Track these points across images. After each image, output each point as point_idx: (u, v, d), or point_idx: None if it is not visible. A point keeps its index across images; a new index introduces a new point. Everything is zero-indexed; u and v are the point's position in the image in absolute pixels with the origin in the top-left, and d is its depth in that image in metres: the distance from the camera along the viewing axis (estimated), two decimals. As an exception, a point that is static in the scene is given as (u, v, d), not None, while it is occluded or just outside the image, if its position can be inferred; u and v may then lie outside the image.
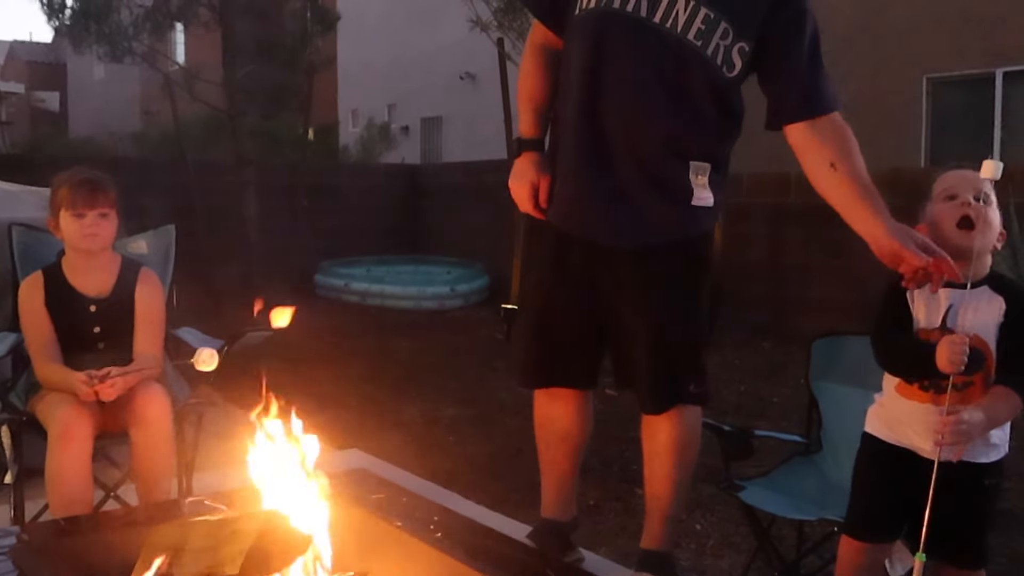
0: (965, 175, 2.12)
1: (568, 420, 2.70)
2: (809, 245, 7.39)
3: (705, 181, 2.45)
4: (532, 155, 2.55)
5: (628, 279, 2.47)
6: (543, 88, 2.57)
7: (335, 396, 5.23)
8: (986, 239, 2.07)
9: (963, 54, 10.58)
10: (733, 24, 2.32)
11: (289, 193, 10.31)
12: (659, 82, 2.35)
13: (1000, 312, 2.05)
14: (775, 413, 5.09)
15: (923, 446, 2.08)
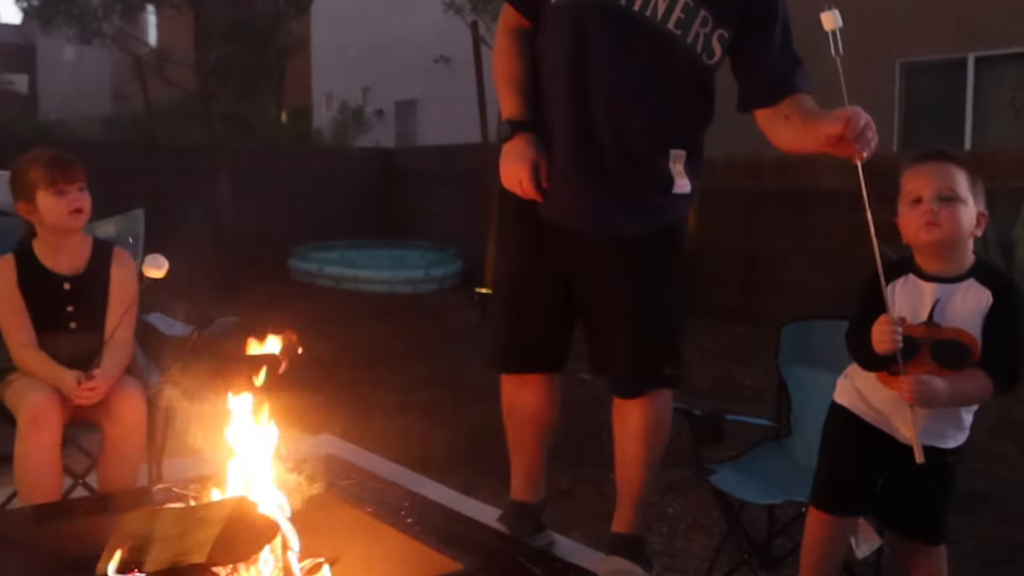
0: (927, 172, 2.06)
1: (536, 403, 2.71)
2: (782, 229, 7.43)
3: (682, 168, 2.47)
4: (526, 135, 2.45)
5: (605, 266, 2.48)
6: (523, 68, 2.54)
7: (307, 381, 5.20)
8: (956, 235, 2.04)
9: (935, 39, 10.64)
10: (712, 12, 2.33)
11: (262, 177, 10.24)
12: (642, 71, 2.35)
13: (987, 304, 2.01)
14: (748, 396, 5.12)
15: (903, 432, 2.09)
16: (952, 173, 2.04)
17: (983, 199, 2.08)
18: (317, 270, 9.69)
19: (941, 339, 2.02)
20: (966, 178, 2.04)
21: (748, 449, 2.88)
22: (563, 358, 2.69)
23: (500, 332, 2.70)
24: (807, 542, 2.22)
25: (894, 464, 2.15)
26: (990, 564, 3.06)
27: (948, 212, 2.02)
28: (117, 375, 2.78)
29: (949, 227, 2.02)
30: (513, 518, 2.73)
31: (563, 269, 2.54)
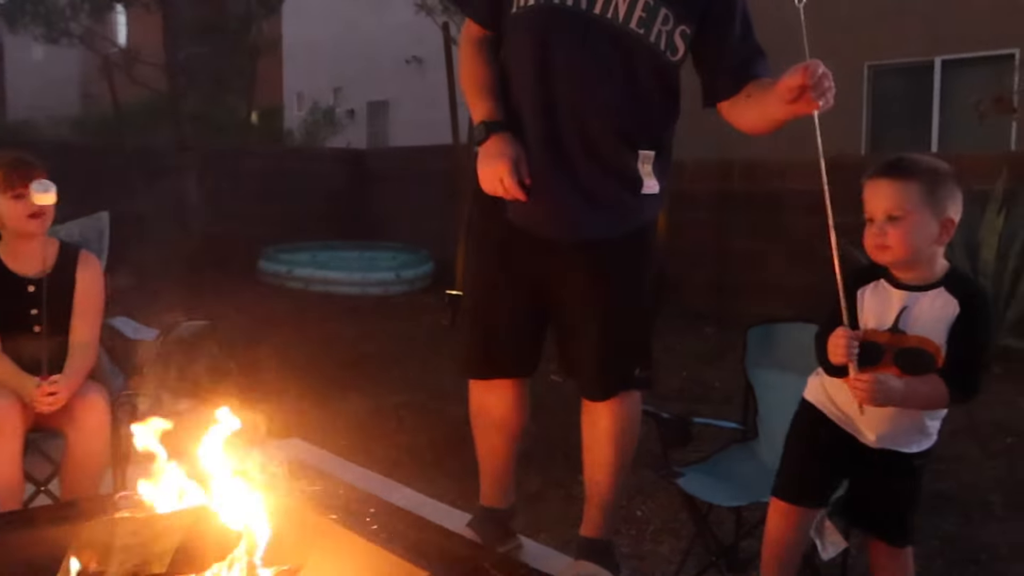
0: (877, 191, 2.05)
1: (504, 408, 2.70)
2: (752, 231, 7.47)
3: (650, 169, 2.47)
4: (502, 135, 2.41)
5: (576, 269, 2.48)
6: (490, 73, 2.53)
7: (276, 384, 5.17)
8: (907, 254, 2.03)
9: (903, 42, 10.75)
10: (673, 9, 2.34)
11: (232, 178, 10.17)
12: (609, 74, 2.36)
13: (954, 314, 2.01)
14: (717, 398, 5.14)
15: (868, 436, 2.12)
16: (902, 190, 2.01)
17: (953, 204, 2.03)
18: (287, 272, 9.63)
19: (905, 347, 2.03)
20: (920, 190, 2.00)
21: (715, 451, 2.89)
22: (534, 363, 2.69)
23: (471, 339, 2.69)
24: (768, 534, 2.24)
25: (859, 465, 2.17)
26: (955, 564, 3.09)
27: (896, 233, 2.01)
28: (80, 381, 2.75)
29: (897, 249, 2.02)
30: (482, 524, 2.72)
31: (533, 274, 2.53)
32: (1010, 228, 5.79)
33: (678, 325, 6.98)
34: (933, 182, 2.02)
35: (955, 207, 2.04)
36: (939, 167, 2.06)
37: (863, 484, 2.21)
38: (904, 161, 2.06)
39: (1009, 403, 4.97)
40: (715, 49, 2.40)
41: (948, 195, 2.03)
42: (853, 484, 2.25)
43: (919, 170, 2.03)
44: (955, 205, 2.04)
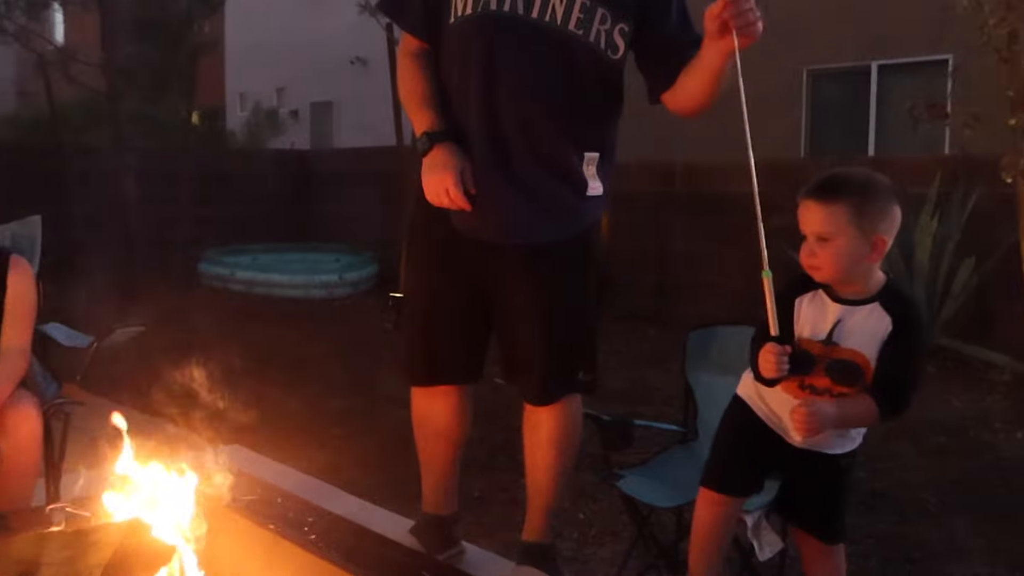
0: (807, 212, 2.07)
1: (448, 416, 2.69)
2: (694, 232, 7.55)
3: (595, 171, 2.48)
4: (447, 145, 2.38)
5: (520, 273, 2.47)
6: (430, 84, 2.50)
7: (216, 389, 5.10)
8: (838, 273, 2.05)
9: (841, 47, 10.95)
10: (609, 8, 2.35)
11: (172, 179, 10.00)
12: (551, 77, 2.35)
13: (886, 331, 2.04)
14: (660, 399, 5.18)
15: (795, 437, 2.15)
16: (830, 212, 2.02)
17: (885, 221, 2.04)
18: (229, 275, 9.51)
19: (837, 358, 2.07)
20: (848, 212, 2.00)
21: (656, 454, 2.91)
22: (478, 370, 2.67)
23: (413, 345, 2.66)
24: (695, 524, 2.27)
25: (788, 463, 2.21)
26: (889, 562, 3.15)
27: (825, 254, 2.03)
28: (10, 389, 2.67)
29: (827, 269, 2.05)
30: (425, 531, 2.71)
31: (476, 278, 2.52)
32: (943, 230, 5.93)
33: (621, 327, 7.03)
34: (862, 203, 2.02)
35: (887, 224, 2.04)
36: (870, 186, 2.05)
37: (794, 482, 2.25)
38: (834, 182, 2.06)
39: (943, 402, 5.09)
40: (654, 43, 2.40)
41: (879, 214, 2.03)
42: (785, 482, 2.28)
43: (848, 191, 2.03)
44: (887, 223, 2.04)
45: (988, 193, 5.84)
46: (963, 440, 4.49)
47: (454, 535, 2.78)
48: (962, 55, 6.83)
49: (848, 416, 2.06)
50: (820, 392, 2.10)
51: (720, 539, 2.27)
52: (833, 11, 10.91)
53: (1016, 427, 4.65)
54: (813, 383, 2.10)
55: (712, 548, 2.26)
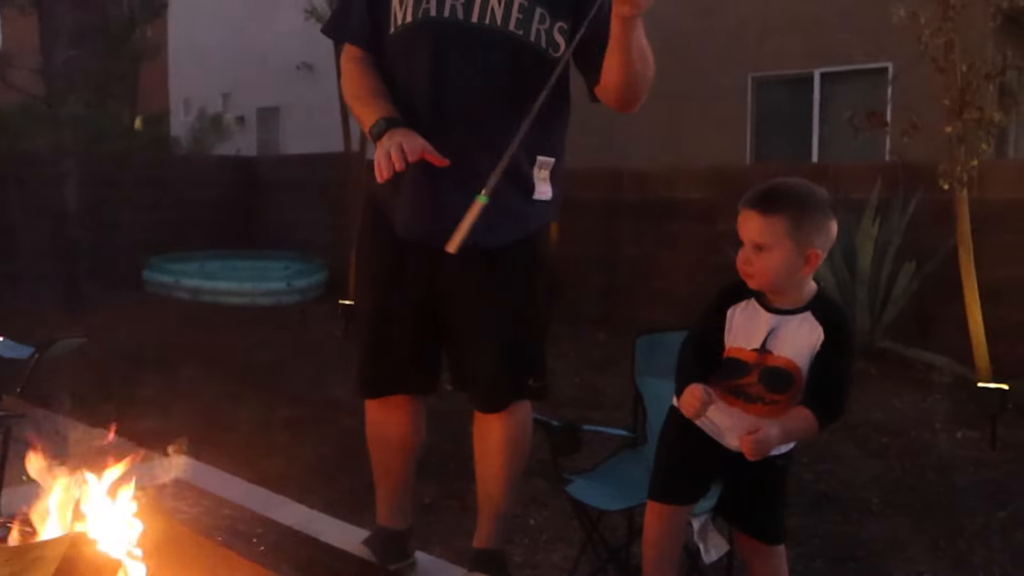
0: (745, 221, 2.10)
1: (402, 427, 2.68)
2: (642, 238, 7.61)
3: (547, 175, 2.48)
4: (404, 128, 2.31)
5: (468, 279, 2.46)
6: (379, 80, 2.47)
7: (162, 399, 5.03)
8: (772, 282, 2.09)
9: (784, 55, 11.13)
10: (546, 7, 2.37)
11: (115, 186, 9.84)
12: (496, 80, 2.36)
13: (818, 341, 2.09)
14: (609, 404, 5.21)
15: (730, 442, 2.20)
16: (768, 223, 2.05)
17: (820, 235, 2.07)
18: (174, 282, 9.37)
19: (770, 366, 2.12)
20: (786, 225, 2.03)
21: (606, 458, 2.93)
22: (433, 380, 2.66)
23: (365, 357, 2.64)
24: (646, 536, 2.30)
25: (727, 466, 2.25)
26: (834, 562, 3.21)
27: (761, 263, 2.07)
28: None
29: (761, 277, 2.09)
30: (378, 543, 2.69)
31: (425, 286, 2.51)
32: (884, 235, 6.05)
33: (570, 332, 7.06)
34: (800, 217, 2.05)
35: (823, 239, 2.08)
36: (808, 199, 2.08)
37: (733, 485, 2.30)
38: (774, 193, 2.09)
39: (885, 404, 5.19)
40: (584, 37, 2.36)
41: (815, 228, 2.06)
42: (726, 485, 2.32)
43: (787, 204, 2.06)
44: (822, 238, 2.07)
45: (927, 199, 5.98)
46: (905, 440, 4.59)
47: (407, 550, 2.77)
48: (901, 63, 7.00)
49: (792, 432, 2.11)
50: (753, 400, 2.15)
51: (672, 548, 2.31)
52: (777, 19, 11.09)
53: (956, 427, 4.76)
54: (746, 391, 2.15)
55: (666, 557, 2.29)
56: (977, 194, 5.33)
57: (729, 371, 2.15)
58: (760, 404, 2.14)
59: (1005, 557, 3.26)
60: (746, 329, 2.16)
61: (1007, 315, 5.47)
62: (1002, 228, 5.75)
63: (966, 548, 3.33)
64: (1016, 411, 4.85)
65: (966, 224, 5.01)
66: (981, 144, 4.88)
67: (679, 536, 2.32)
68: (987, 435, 4.49)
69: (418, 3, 2.37)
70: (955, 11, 4.83)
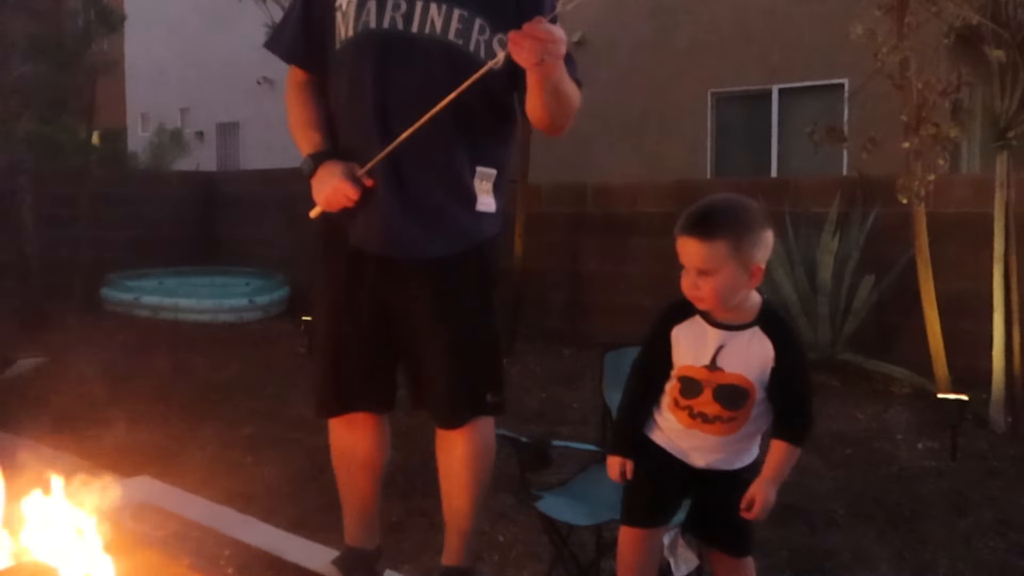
0: (685, 248, 2.09)
1: (367, 446, 2.66)
2: (605, 253, 7.64)
3: (490, 187, 2.49)
4: (331, 161, 2.43)
5: (419, 293, 2.47)
6: (317, 110, 2.54)
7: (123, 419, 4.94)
8: (720, 302, 2.10)
9: (743, 71, 11.27)
10: (487, 18, 2.39)
11: (71, 202, 9.68)
12: (435, 89, 2.35)
13: (769, 357, 2.11)
14: (576, 418, 5.21)
15: (695, 462, 2.23)
16: (709, 249, 2.05)
17: (760, 249, 2.08)
18: (133, 300, 9.23)
19: (723, 383, 2.14)
20: (727, 248, 2.04)
21: (574, 474, 2.92)
22: (391, 396, 2.65)
23: (323, 374, 2.62)
24: (620, 559, 2.31)
25: (694, 482, 2.27)
26: (802, 573, 3.23)
27: (708, 286, 2.07)
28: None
29: (710, 299, 2.10)
30: (347, 564, 2.66)
31: (379, 301, 2.51)
32: (844, 248, 6.12)
33: (535, 346, 7.06)
34: (739, 237, 2.05)
35: (763, 252, 2.10)
36: (745, 218, 2.08)
37: (700, 500, 2.31)
38: (711, 217, 2.08)
39: (848, 415, 5.24)
40: None
41: (755, 245, 2.07)
42: (693, 500, 2.33)
43: (725, 228, 2.06)
44: (763, 250, 2.10)
45: (885, 213, 6.07)
46: (867, 451, 4.63)
47: (376, 570, 2.75)
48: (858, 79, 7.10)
49: (783, 472, 2.16)
50: (711, 420, 2.16)
51: (648, 569, 2.32)
52: (735, 36, 11.24)
53: (917, 438, 4.82)
54: (703, 411, 2.16)
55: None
56: (933, 208, 5.43)
57: (686, 390, 2.17)
58: (719, 423, 2.16)
59: (968, 566, 3.30)
60: (694, 346, 2.17)
61: (965, 327, 5.56)
62: (958, 241, 5.85)
63: (930, 558, 3.36)
64: (975, 422, 4.93)
65: (924, 237, 5.10)
66: (938, 159, 4.97)
67: (655, 557, 2.32)
68: (947, 445, 4.55)
69: (358, 17, 2.40)
70: (910, 29, 4.93)
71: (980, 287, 5.17)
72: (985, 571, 3.29)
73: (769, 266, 6.02)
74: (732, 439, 2.20)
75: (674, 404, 2.21)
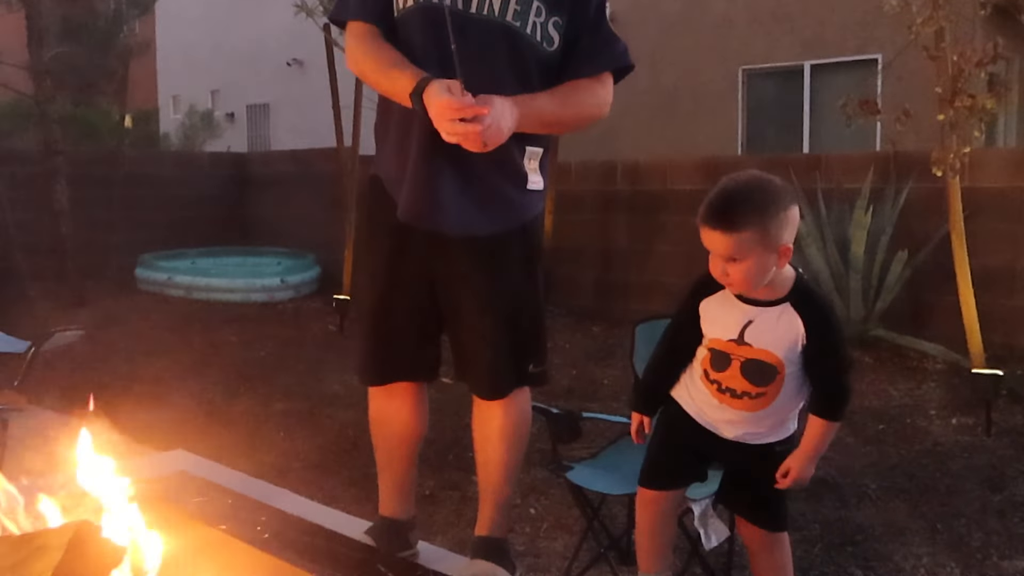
0: (709, 239, 2.06)
1: (406, 416, 2.68)
2: (636, 230, 7.62)
3: (536, 165, 2.50)
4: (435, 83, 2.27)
5: (468, 267, 2.47)
6: (396, 50, 2.41)
7: (158, 395, 5.03)
8: (751, 285, 2.06)
9: (775, 47, 11.15)
10: (544, 1, 2.38)
11: (105, 183, 9.79)
12: (495, 68, 2.36)
13: (799, 335, 2.07)
14: (606, 394, 5.22)
15: (726, 434, 2.20)
16: (735, 240, 2.00)
17: (787, 230, 2.03)
18: (166, 280, 9.34)
19: (751, 359, 2.11)
20: (752, 237, 2.00)
21: (605, 446, 2.93)
22: (433, 367, 2.66)
23: (368, 344, 2.63)
24: (638, 523, 2.30)
25: (726, 453, 2.24)
26: (833, 547, 3.22)
27: (736, 271, 2.04)
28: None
29: (740, 283, 2.07)
30: (381, 533, 2.68)
31: (427, 274, 2.52)
32: (877, 224, 6.06)
33: (566, 324, 7.07)
34: (764, 225, 2.00)
35: (790, 232, 2.05)
36: (767, 202, 2.02)
37: (734, 472, 2.29)
38: (733, 207, 2.02)
39: (881, 391, 5.21)
40: (572, 37, 2.40)
41: (780, 227, 2.02)
42: (726, 472, 2.32)
43: (748, 218, 2.00)
44: (789, 230, 2.05)
45: (919, 187, 6.00)
46: (900, 427, 4.61)
47: (410, 540, 2.77)
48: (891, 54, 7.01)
49: (820, 448, 2.13)
50: (739, 395, 2.14)
51: (662, 534, 2.30)
52: (767, 12, 11.11)
53: (950, 413, 4.79)
54: (731, 386, 2.14)
55: (656, 544, 2.29)
56: (968, 183, 5.35)
57: (714, 363, 2.15)
58: (746, 399, 2.14)
59: (1002, 540, 3.28)
60: (722, 320, 2.15)
61: (999, 302, 5.50)
62: (993, 216, 5.77)
63: (964, 532, 3.35)
64: (1009, 397, 4.88)
65: (958, 212, 5.03)
66: (973, 131, 4.90)
67: (669, 521, 2.31)
68: (982, 421, 4.51)
69: None
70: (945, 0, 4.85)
71: (1015, 262, 5.11)
72: (1019, 545, 3.26)
73: (801, 242, 5.98)
74: (762, 414, 2.17)
75: (705, 376, 2.20)
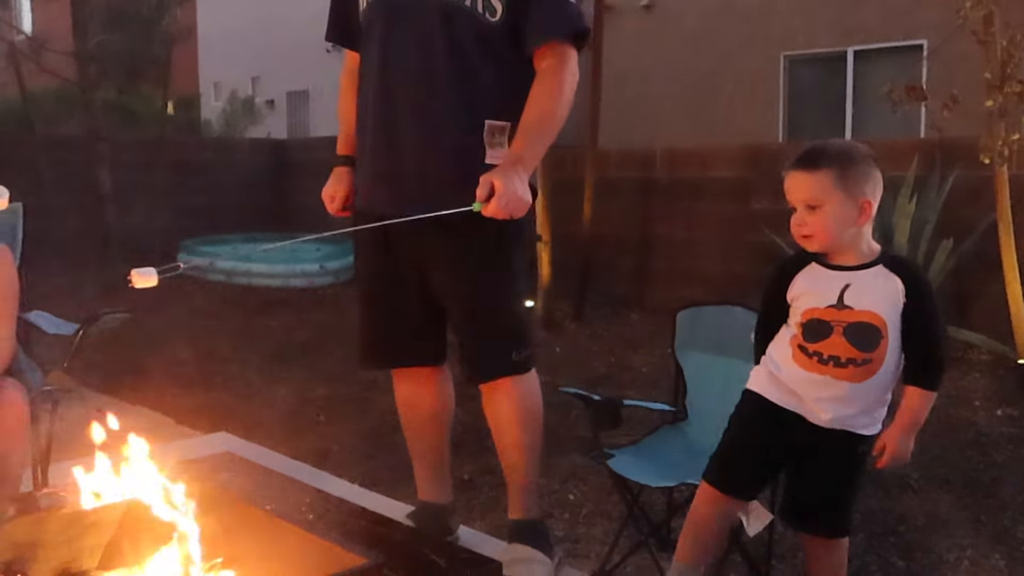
0: (792, 182, 2.09)
1: (431, 398, 2.71)
2: (674, 219, 7.57)
3: (504, 140, 2.44)
4: (339, 169, 2.69)
5: (443, 252, 2.49)
6: (349, 103, 2.70)
7: (201, 378, 5.09)
8: (831, 239, 2.07)
9: (817, 33, 11.01)
10: None
11: (148, 169, 9.92)
12: (433, 46, 2.39)
13: (899, 293, 2.05)
14: (644, 382, 5.20)
15: (819, 415, 2.12)
16: (815, 180, 2.04)
17: (869, 185, 2.06)
18: (208, 264, 9.44)
19: (853, 321, 2.06)
20: (833, 177, 2.03)
21: (646, 434, 2.92)
22: (431, 351, 2.69)
23: (362, 329, 2.73)
24: (692, 514, 2.26)
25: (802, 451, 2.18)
26: (875, 537, 3.19)
27: (815, 220, 2.05)
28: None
29: (820, 236, 2.06)
30: (422, 518, 2.71)
31: (412, 260, 2.57)
32: (921, 213, 5.97)
33: (604, 312, 7.05)
34: (845, 168, 2.04)
35: (872, 188, 2.07)
36: (852, 152, 2.09)
37: (803, 473, 2.21)
38: (816, 151, 2.08)
39: (923, 382, 5.14)
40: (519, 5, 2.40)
41: (862, 177, 2.05)
42: (792, 478, 2.25)
43: (830, 158, 2.06)
44: (871, 186, 2.07)
45: (964, 175, 5.90)
46: (944, 417, 4.54)
47: (450, 525, 2.79)
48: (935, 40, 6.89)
49: (918, 419, 2.09)
50: (844, 363, 2.06)
51: (716, 534, 2.27)
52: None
53: (995, 404, 4.71)
54: (834, 353, 2.07)
55: (706, 540, 2.26)
56: (1016, 170, 5.25)
57: (812, 334, 2.08)
58: (852, 367, 2.06)
59: (1048, 533, 3.23)
60: (816, 290, 2.10)
61: (1047, 292, 5.38)
62: (1042, 205, 5.66)
63: (1009, 523, 3.30)
64: (1056, 389, 4.80)
65: (1006, 200, 4.94)
66: (1022, 118, 4.80)
67: (726, 525, 2.27)
68: (1027, 413, 4.44)
69: None
70: (996, -17, 4.76)
71: (1064, 252, 5.01)
72: (1066, 539, 3.21)
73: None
74: (866, 388, 2.09)
75: (799, 352, 2.12)
